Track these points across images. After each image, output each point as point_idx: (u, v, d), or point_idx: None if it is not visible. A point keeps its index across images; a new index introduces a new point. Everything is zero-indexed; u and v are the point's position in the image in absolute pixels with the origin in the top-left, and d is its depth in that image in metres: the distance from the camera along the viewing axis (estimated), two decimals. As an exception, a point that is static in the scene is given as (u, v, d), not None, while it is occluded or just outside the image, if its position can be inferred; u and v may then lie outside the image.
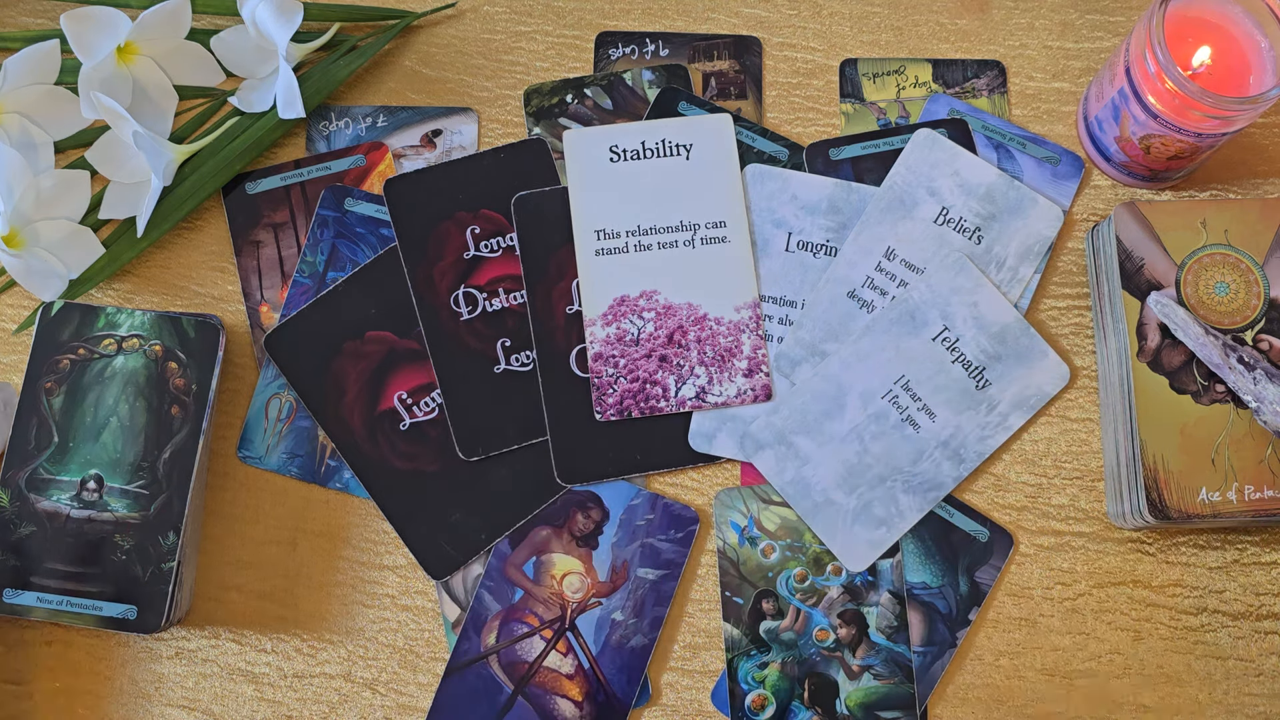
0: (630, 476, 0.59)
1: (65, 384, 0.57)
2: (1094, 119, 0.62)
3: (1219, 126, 0.55)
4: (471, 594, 0.58)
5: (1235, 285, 0.57)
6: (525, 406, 0.60)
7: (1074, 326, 0.61)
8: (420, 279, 0.61)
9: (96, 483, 0.56)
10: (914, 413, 0.59)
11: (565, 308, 0.61)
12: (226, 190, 0.63)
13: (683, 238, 0.61)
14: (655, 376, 0.59)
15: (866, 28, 0.66)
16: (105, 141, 0.61)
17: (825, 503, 0.58)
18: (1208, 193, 0.63)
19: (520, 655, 0.57)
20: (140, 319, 0.58)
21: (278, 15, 0.60)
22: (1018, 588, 0.58)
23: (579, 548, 0.58)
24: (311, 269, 0.62)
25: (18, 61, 0.59)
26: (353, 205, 0.63)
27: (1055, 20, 0.66)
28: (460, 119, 0.65)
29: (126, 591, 0.55)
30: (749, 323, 0.60)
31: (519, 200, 0.62)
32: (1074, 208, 0.63)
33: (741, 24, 0.66)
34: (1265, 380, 0.54)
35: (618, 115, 0.64)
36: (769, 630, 0.57)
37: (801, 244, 0.61)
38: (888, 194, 0.62)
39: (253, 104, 0.63)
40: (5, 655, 0.58)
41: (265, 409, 0.60)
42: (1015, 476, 0.59)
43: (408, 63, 0.66)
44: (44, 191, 0.59)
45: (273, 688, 0.58)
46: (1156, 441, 0.55)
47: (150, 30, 0.60)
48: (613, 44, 0.66)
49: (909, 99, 0.65)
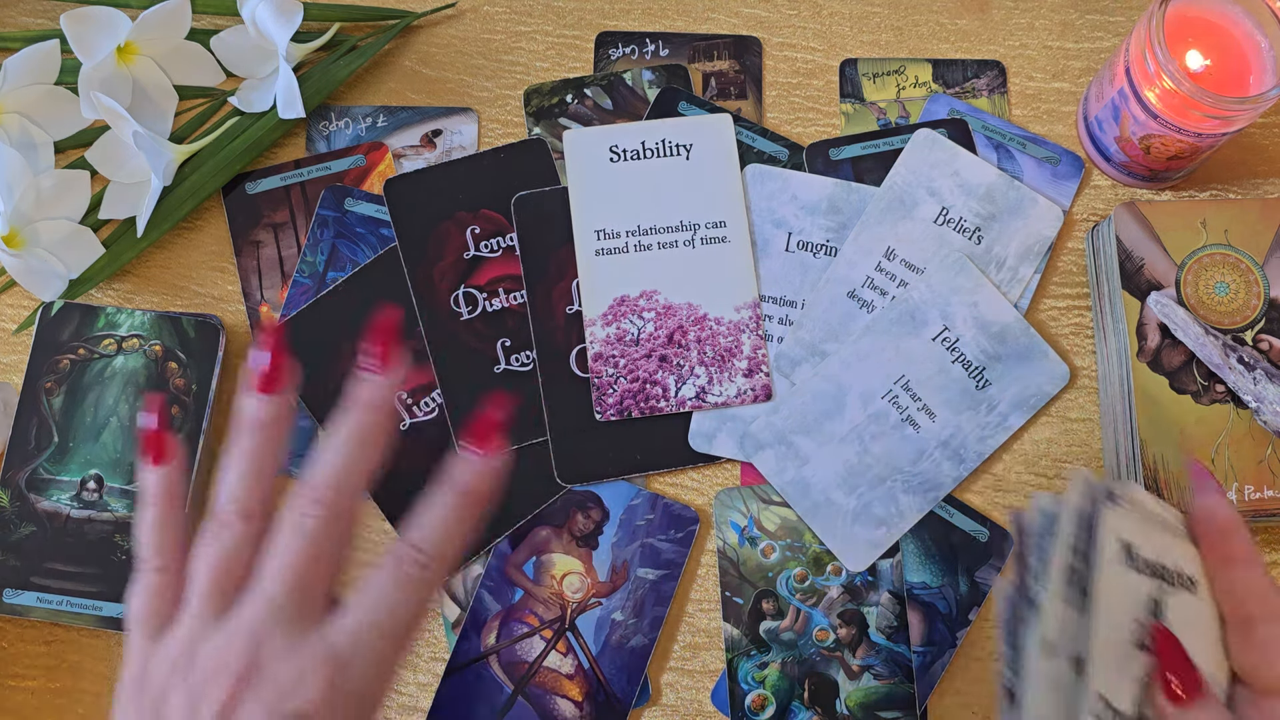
0: (630, 476, 0.59)
1: (65, 384, 0.57)
2: (1094, 119, 0.62)
3: (1219, 126, 0.55)
4: (471, 594, 0.58)
5: (1235, 285, 0.57)
6: (525, 406, 0.60)
7: (1074, 326, 0.61)
8: (420, 279, 0.61)
9: (96, 483, 0.56)
10: (914, 413, 0.59)
11: (565, 308, 0.61)
12: (226, 190, 0.63)
13: (683, 238, 0.61)
14: (655, 376, 0.59)
15: (866, 28, 0.66)
16: (105, 141, 0.61)
17: (825, 503, 0.58)
18: (1208, 193, 0.63)
19: (520, 655, 0.57)
20: (140, 319, 0.58)
21: (278, 15, 0.60)
22: (1018, 588, 0.58)
23: (579, 548, 0.58)
24: (311, 269, 0.62)
25: (18, 61, 0.59)
26: (353, 205, 0.63)
27: (1055, 20, 0.66)
28: (460, 119, 0.65)
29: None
30: (749, 323, 0.60)
31: (519, 200, 0.62)
32: (1074, 208, 0.63)
33: (741, 24, 0.66)
34: (1265, 380, 0.54)
35: (618, 115, 0.64)
36: (769, 630, 0.57)
37: (801, 244, 0.61)
38: (888, 194, 0.62)
39: (253, 104, 0.63)
40: (5, 655, 0.58)
41: (265, 409, 0.60)
42: (1015, 476, 0.59)
43: (408, 63, 0.66)
44: (44, 191, 0.59)
45: (273, 688, 0.58)
46: (1156, 441, 0.55)
47: (150, 30, 0.60)
48: (613, 44, 0.66)
49: (909, 99, 0.65)
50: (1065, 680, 0.40)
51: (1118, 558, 0.40)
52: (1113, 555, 0.40)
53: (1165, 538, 0.41)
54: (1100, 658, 0.39)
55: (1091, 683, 0.39)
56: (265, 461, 0.42)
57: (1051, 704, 0.40)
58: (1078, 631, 0.39)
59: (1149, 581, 0.40)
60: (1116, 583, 0.40)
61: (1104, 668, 0.39)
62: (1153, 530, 0.41)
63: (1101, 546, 0.40)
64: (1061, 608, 0.40)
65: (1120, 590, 0.40)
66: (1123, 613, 0.40)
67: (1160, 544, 0.41)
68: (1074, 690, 0.39)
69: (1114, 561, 0.40)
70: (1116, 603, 0.40)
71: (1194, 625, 0.41)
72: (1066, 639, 0.40)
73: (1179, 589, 0.41)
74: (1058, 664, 0.40)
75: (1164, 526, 0.42)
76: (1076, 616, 0.40)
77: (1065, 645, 0.40)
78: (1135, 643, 0.40)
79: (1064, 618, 0.40)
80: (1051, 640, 0.40)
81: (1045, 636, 0.40)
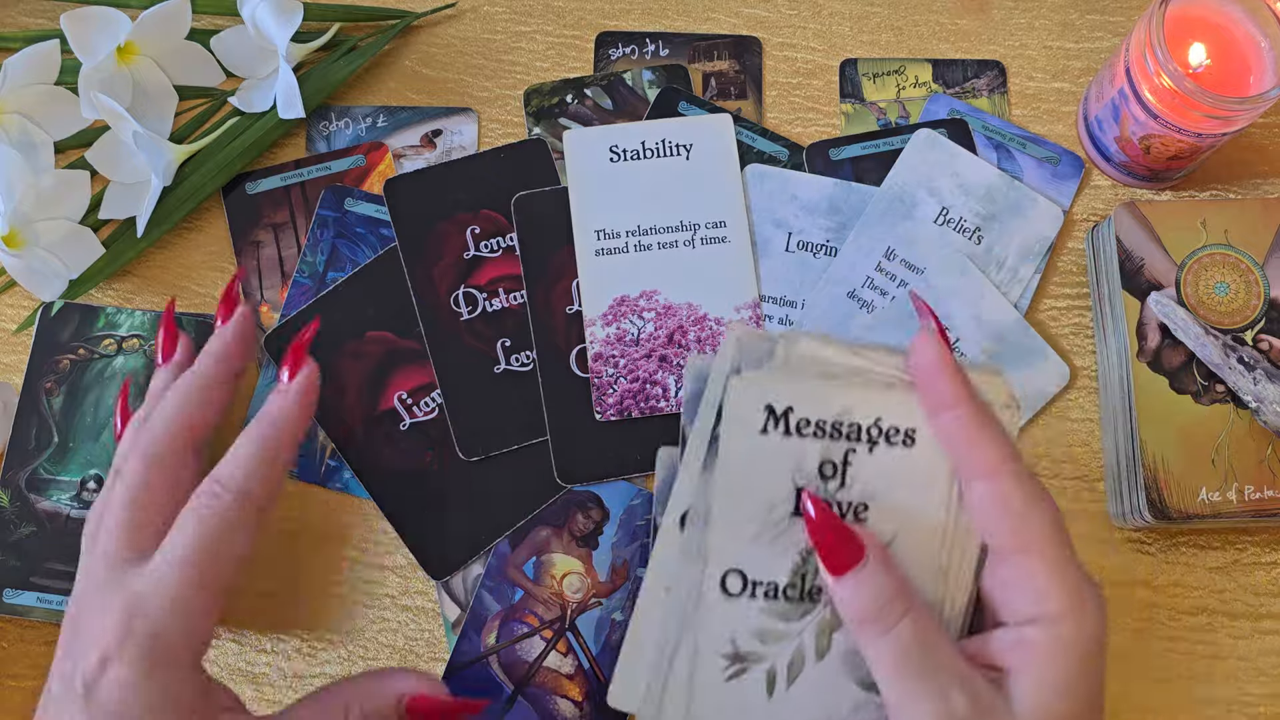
0: (630, 476, 0.59)
1: (65, 384, 0.57)
2: (1094, 119, 0.62)
3: (1219, 126, 0.55)
4: (471, 594, 0.58)
5: (1235, 285, 0.57)
6: (525, 406, 0.60)
7: (1074, 326, 0.61)
8: (420, 279, 0.61)
9: (97, 483, 0.56)
10: (914, 413, 0.59)
11: (565, 308, 0.61)
12: (226, 190, 0.63)
13: (683, 238, 0.61)
14: (655, 376, 0.59)
15: (866, 28, 0.66)
16: (105, 141, 0.61)
17: (825, 503, 0.58)
18: (1208, 193, 0.63)
19: (520, 655, 0.57)
20: (140, 319, 0.58)
21: (278, 15, 0.60)
22: (1018, 588, 0.58)
23: (579, 548, 0.58)
24: (311, 269, 0.62)
25: (18, 61, 0.59)
26: (353, 205, 0.63)
27: (1055, 20, 0.66)
28: (460, 119, 0.65)
29: (126, 591, 0.55)
30: (749, 323, 0.60)
31: (519, 200, 0.62)
32: (1074, 208, 0.63)
33: (741, 24, 0.66)
34: (1265, 380, 0.54)
35: (618, 115, 0.64)
36: (769, 630, 0.57)
37: (801, 244, 0.61)
38: (888, 194, 0.62)
39: (253, 104, 0.63)
40: (5, 655, 0.58)
41: (265, 409, 0.60)
42: (1015, 476, 0.59)
43: (408, 63, 0.66)
44: (44, 191, 0.59)
45: (272, 688, 0.58)
46: (1156, 441, 0.55)
47: (150, 30, 0.60)
48: (613, 44, 0.66)
49: (909, 99, 0.65)
50: (696, 551, 0.39)
51: (754, 425, 0.39)
52: (746, 424, 0.38)
53: (855, 393, 0.39)
54: (725, 530, 0.38)
55: (710, 553, 0.38)
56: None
57: (679, 572, 0.39)
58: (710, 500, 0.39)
59: (814, 443, 0.39)
60: (750, 450, 0.38)
61: (735, 541, 0.38)
62: (828, 388, 0.39)
63: (727, 414, 0.38)
64: (698, 475, 0.39)
65: (759, 457, 0.38)
66: (765, 480, 0.38)
67: (843, 400, 0.39)
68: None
69: (746, 426, 0.38)
70: (753, 471, 0.38)
71: (905, 477, 0.39)
72: (700, 510, 0.39)
73: (878, 444, 0.39)
74: (691, 533, 0.39)
75: (857, 379, 0.39)
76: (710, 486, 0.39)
77: (700, 516, 0.39)
78: (791, 509, 0.39)
79: (699, 486, 0.39)
80: (685, 507, 0.39)
81: (678, 502, 0.39)
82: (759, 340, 0.39)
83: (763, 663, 0.39)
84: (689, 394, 0.40)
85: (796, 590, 0.39)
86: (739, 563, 0.39)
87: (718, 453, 0.39)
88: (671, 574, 0.39)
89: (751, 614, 0.39)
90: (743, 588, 0.39)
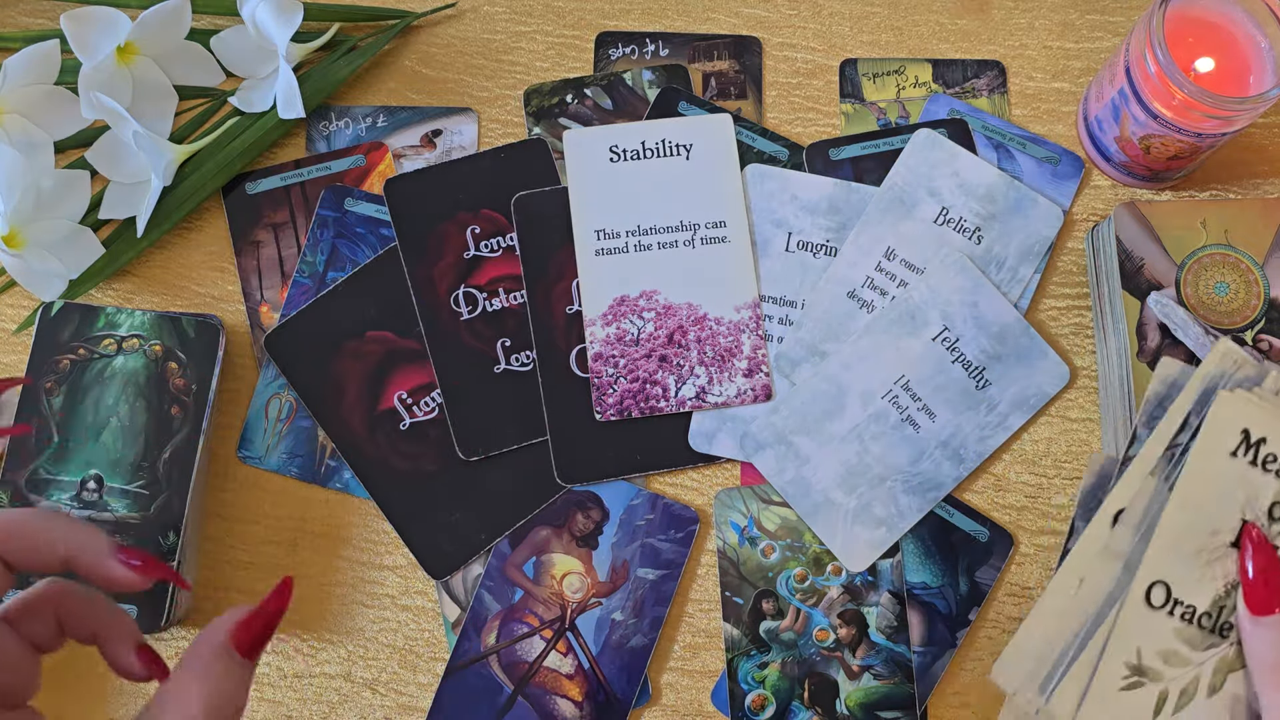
0: (630, 476, 0.59)
1: (65, 384, 0.57)
2: (1094, 119, 0.62)
3: (1219, 126, 0.55)
4: (471, 594, 0.58)
5: (1235, 285, 0.57)
6: (525, 406, 0.60)
7: (1074, 326, 0.61)
8: (420, 279, 0.61)
9: (96, 483, 0.56)
10: (914, 413, 0.59)
11: (565, 308, 0.61)
12: (226, 190, 0.63)
13: (683, 238, 0.61)
14: (655, 376, 0.59)
15: (866, 28, 0.66)
16: (105, 141, 0.61)
17: (825, 503, 0.58)
18: (1208, 193, 0.63)
19: (520, 655, 0.57)
20: (140, 319, 0.58)
21: (278, 15, 0.60)
22: (1018, 588, 0.58)
23: (579, 548, 0.58)
24: (311, 269, 0.62)
25: (18, 61, 0.59)
26: (353, 205, 0.63)
27: (1055, 20, 0.66)
28: (460, 119, 0.65)
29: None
30: (749, 323, 0.60)
31: (519, 200, 0.62)
32: (1074, 208, 0.63)
33: (741, 24, 0.66)
34: (1266, 380, 0.54)
35: (618, 115, 0.64)
36: (769, 630, 0.57)
37: (801, 244, 0.61)
38: (888, 194, 0.62)
39: (253, 104, 0.63)
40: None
41: (265, 409, 0.60)
42: (1015, 476, 0.59)
43: (408, 63, 0.66)
44: (44, 191, 0.59)
45: (273, 688, 0.58)
46: (1157, 441, 0.55)
47: (150, 30, 0.60)
48: (613, 44, 0.66)
49: (909, 99, 0.65)
50: (1123, 551, 0.37)
51: (1227, 445, 0.37)
52: (1219, 440, 0.37)
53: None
54: (1168, 542, 0.37)
55: (1146, 559, 0.37)
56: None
57: (1097, 567, 0.37)
58: (1157, 508, 0.37)
59: (1275, 482, 0.37)
60: (1217, 469, 0.37)
61: (1172, 555, 0.37)
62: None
63: (1208, 428, 0.37)
64: (1145, 477, 0.37)
65: (1221, 479, 0.37)
66: (1218, 503, 0.37)
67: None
68: (1131, 566, 0.37)
69: (1220, 444, 0.37)
70: (1212, 491, 0.37)
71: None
72: (1139, 512, 0.37)
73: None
74: (1122, 532, 0.37)
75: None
76: (1161, 493, 0.37)
77: (1137, 518, 0.37)
78: (1231, 540, 0.37)
79: (1145, 489, 0.37)
80: (1123, 505, 0.37)
81: (1117, 499, 0.37)
82: (1248, 363, 0.38)
83: (1159, 682, 0.38)
84: (1150, 394, 0.39)
85: (1211, 620, 0.38)
86: (1168, 576, 0.38)
87: (1182, 462, 0.37)
88: (1088, 567, 0.38)
89: (1165, 632, 0.38)
90: (1165, 602, 0.38)
